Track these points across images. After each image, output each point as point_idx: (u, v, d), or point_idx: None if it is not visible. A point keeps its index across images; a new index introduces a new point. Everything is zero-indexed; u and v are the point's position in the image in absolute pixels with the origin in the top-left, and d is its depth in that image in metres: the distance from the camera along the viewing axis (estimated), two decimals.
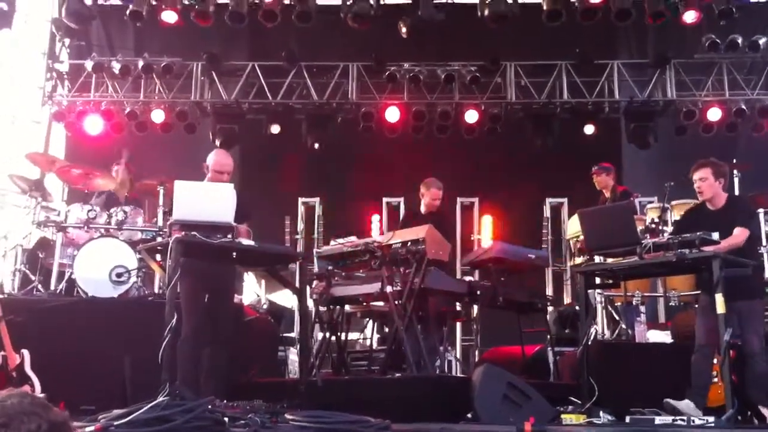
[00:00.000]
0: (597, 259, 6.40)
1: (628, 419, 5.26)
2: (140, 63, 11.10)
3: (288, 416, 4.13)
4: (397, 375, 6.15)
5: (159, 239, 6.40)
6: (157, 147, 11.04)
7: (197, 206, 5.43)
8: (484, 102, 11.41)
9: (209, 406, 4.17)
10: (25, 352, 5.63)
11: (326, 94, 11.43)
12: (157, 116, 11.33)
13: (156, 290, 7.25)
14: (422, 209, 7.54)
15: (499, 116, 11.40)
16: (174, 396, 4.53)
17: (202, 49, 11.24)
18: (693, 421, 5.08)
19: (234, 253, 5.63)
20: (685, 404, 5.34)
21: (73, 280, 6.83)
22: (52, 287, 7.07)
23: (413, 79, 11.26)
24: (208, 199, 5.51)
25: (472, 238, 10.47)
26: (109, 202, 7.71)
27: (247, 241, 5.60)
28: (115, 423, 4.00)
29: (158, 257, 5.97)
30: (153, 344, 5.13)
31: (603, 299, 7.74)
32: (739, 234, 5.56)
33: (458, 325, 8.34)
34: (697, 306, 6.25)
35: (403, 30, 10.60)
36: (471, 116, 11.32)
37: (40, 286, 7.22)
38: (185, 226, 5.37)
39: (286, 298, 8.33)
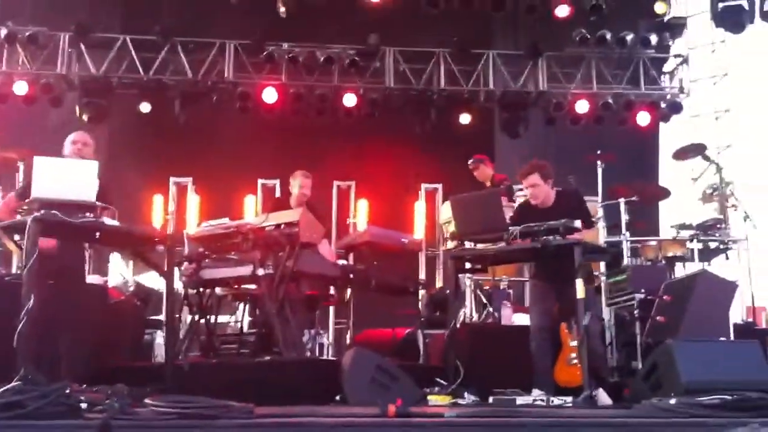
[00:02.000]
0: (468, 244, 6.54)
1: (491, 399, 5.42)
2: (3, 32, 10.48)
3: (148, 401, 4.01)
4: (267, 358, 6.10)
5: (18, 217, 6.07)
6: (20, 120, 10.48)
7: (58, 183, 5.21)
8: (363, 86, 11.43)
9: (66, 391, 4.00)
10: None
11: (201, 72, 11.15)
12: (20, 88, 10.73)
13: (14, 270, 6.90)
14: (292, 202, 7.38)
15: (378, 101, 11.46)
16: (27, 381, 4.32)
17: (71, 18, 10.72)
18: (552, 401, 5.29)
19: (97, 233, 5.44)
20: (536, 394, 5.56)
21: None
22: None
23: (292, 60, 11.13)
24: (69, 177, 5.30)
25: (347, 222, 10.51)
26: None
27: (110, 221, 5.40)
28: None
29: (16, 237, 5.70)
30: (10, 326, 4.90)
31: (472, 283, 7.94)
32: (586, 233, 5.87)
33: (331, 308, 8.35)
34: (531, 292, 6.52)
35: (282, 9, 10.45)
36: (349, 100, 11.31)
37: None
38: (45, 204, 5.14)
39: (154, 280, 8.09)
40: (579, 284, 5.50)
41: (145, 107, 11.12)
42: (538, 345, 5.91)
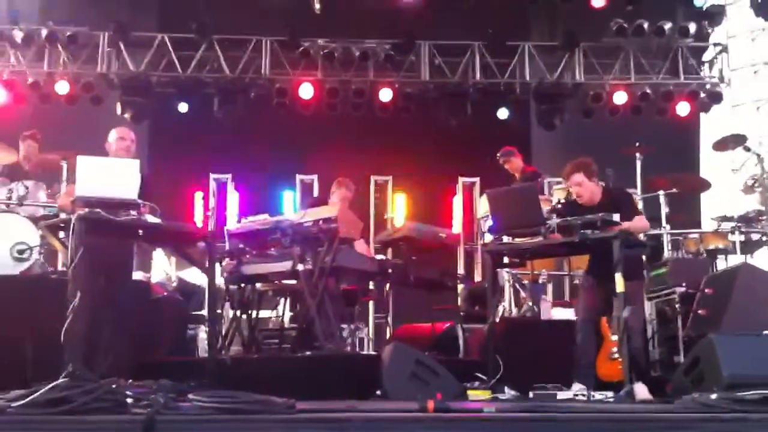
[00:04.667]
0: (505, 238, 6.52)
1: (531, 394, 5.42)
2: (44, 32, 10.68)
3: (191, 396, 4.08)
4: (308, 353, 6.16)
5: (62, 215, 6.20)
6: (62, 119, 10.65)
7: (101, 182, 5.31)
8: (398, 80, 11.43)
9: (112, 387, 4.09)
10: None
11: (239, 69, 11.24)
12: (62, 87, 10.93)
13: (60, 268, 7.04)
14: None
15: (414, 95, 11.46)
16: (75, 377, 4.41)
17: (110, 18, 10.88)
18: (593, 396, 5.28)
19: (140, 231, 5.53)
20: (576, 389, 5.54)
21: None
22: None
23: (327, 56, 11.18)
24: (112, 175, 5.39)
25: (385, 217, 10.54)
26: (13, 176, 7.40)
27: (152, 219, 5.49)
28: (13, 404, 3.88)
29: (61, 234, 5.82)
30: (56, 323, 5.02)
31: (510, 277, 7.92)
32: (640, 219, 5.79)
33: (371, 303, 8.39)
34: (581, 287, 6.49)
35: (317, 6, 10.50)
36: (385, 94, 11.34)
37: None
38: (89, 202, 5.24)
39: (196, 276, 8.20)
40: (618, 278, 5.46)
41: (182, 107, 11.25)
42: (583, 339, 5.87)
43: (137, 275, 6.91)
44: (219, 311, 6.94)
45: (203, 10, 10.97)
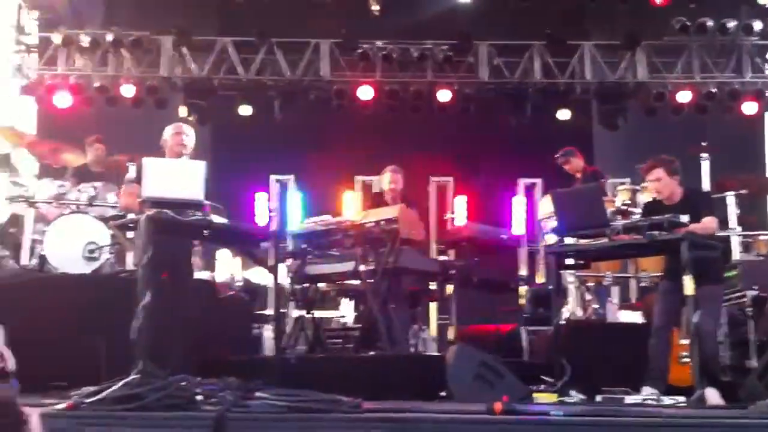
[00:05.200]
0: (569, 239, 6.44)
1: (598, 398, 5.33)
2: (109, 37, 10.92)
3: (259, 394, 4.12)
4: (371, 353, 6.17)
5: (130, 216, 6.32)
6: (128, 122, 10.88)
7: (167, 183, 5.40)
8: (457, 81, 11.40)
9: (182, 384, 4.15)
10: None
11: (298, 71, 11.33)
12: (127, 91, 11.16)
13: (128, 267, 7.18)
14: (387, 198, 7.44)
15: (472, 96, 11.41)
16: (145, 374, 4.49)
17: (172, 22, 11.08)
18: (662, 401, 5.17)
19: (206, 231, 5.61)
20: (646, 393, 5.43)
21: (44, 257, 6.72)
22: (23, 263, 6.98)
23: (386, 58, 11.20)
24: (178, 176, 5.49)
25: (445, 218, 10.49)
26: (81, 178, 7.59)
27: (218, 219, 5.57)
28: (87, 400, 3.97)
29: (130, 234, 5.95)
30: (126, 321, 5.12)
31: (575, 279, 7.81)
32: (710, 221, 5.65)
33: (433, 304, 8.37)
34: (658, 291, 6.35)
35: (375, 8, 10.54)
36: (444, 95, 11.30)
37: (11, 262, 7.10)
38: (156, 203, 5.34)
39: (261, 276, 8.29)
40: (688, 280, 5.34)
41: (245, 110, 11.40)
42: (656, 343, 5.74)
43: (203, 275, 7.01)
44: (283, 311, 6.99)
45: (263, 13, 11.09)
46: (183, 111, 11.21)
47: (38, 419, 2.12)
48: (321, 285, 7.07)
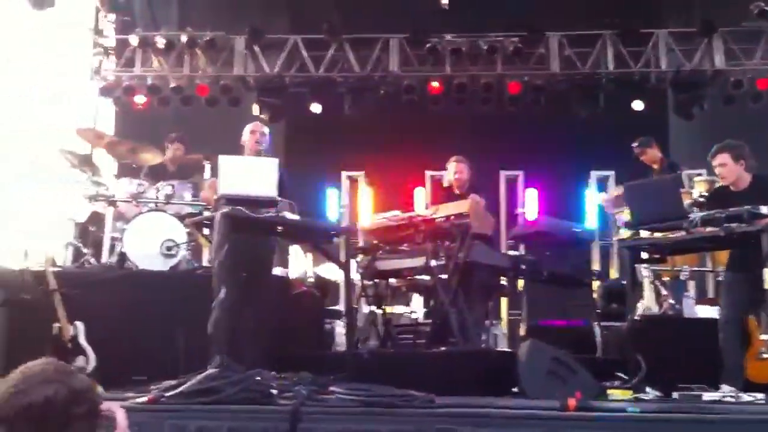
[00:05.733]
0: (644, 233, 6.33)
1: (675, 395, 5.22)
2: (184, 38, 11.17)
3: (333, 389, 4.18)
4: (443, 349, 6.18)
5: (206, 213, 6.48)
6: (204, 121, 11.12)
7: (242, 181, 5.52)
8: (527, 73, 11.27)
9: (258, 378, 4.24)
10: (79, 324, 5.76)
11: (368, 67, 11.39)
12: (202, 90, 11.41)
13: (204, 263, 7.35)
14: (455, 190, 7.46)
15: (543, 87, 11.27)
16: (223, 368, 4.60)
17: (243, 21, 11.26)
18: (741, 398, 5.04)
19: (279, 227, 5.71)
20: (724, 390, 5.29)
21: (124, 254, 6.93)
22: (104, 260, 7.20)
23: (455, 51, 11.15)
24: (252, 174, 5.60)
25: (516, 212, 10.42)
26: (157, 176, 7.78)
27: (291, 216, 5.65)
28: (166, 394, 4.09)
29: (206, 231, 6.09)
30: (203, 316, 5.26)
31: (650, 274, 7.65)
32: None
33: (504, 299, 8.32)
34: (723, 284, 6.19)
35: (444, 1, 10.50)
36: (514, 88, 11.20)
37: (92, 260, 7.34)
38: (231, 200, 5.45)
39: (332, 272, 8.39)
40: (766, 274, 5.19)
41: (316, 107, 11.51)
42: (726, 338, 5.62)
43: (277, 271, 7.13)
44: (355, 306, 7.06)
45: (332, 10, 11.17)
46: (256, 109, 11.38)
47: (124, 414, 2.18)
48: (392, 280, 7.10)
